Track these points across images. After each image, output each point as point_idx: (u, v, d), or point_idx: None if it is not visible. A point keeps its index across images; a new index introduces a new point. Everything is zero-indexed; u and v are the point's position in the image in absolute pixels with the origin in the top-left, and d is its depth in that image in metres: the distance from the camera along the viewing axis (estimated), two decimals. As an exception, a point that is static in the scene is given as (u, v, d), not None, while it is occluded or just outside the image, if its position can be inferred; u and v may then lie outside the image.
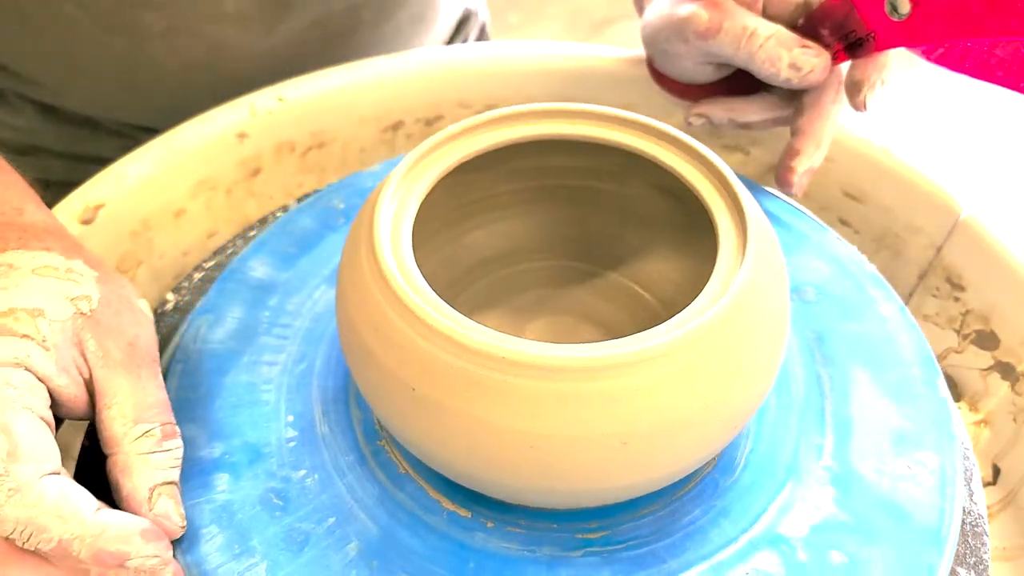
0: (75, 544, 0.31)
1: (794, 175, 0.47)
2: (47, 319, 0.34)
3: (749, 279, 0.32)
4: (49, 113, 0.61)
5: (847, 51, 0.45)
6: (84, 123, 0.62)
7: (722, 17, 0.45)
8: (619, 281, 0.45)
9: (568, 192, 0.45)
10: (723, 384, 0.31)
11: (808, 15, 0.47)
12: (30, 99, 0.61)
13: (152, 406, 0.35)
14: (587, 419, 0.30)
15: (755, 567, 0.34)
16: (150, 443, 0.34)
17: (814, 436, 0.39)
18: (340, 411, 0.39)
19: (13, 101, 0.61)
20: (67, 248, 0.37)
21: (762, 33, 0.44)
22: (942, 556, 0.35)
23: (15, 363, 0.33)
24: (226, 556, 0.34)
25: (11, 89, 0.60)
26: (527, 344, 0.30)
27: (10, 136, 0.62)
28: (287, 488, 0.37)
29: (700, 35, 0.45)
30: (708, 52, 0.46)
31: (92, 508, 0.32)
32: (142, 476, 0.34)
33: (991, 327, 0.49)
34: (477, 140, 0.39)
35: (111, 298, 0.36)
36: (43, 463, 0.32)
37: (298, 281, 0.45)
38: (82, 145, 0.62)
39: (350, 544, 0.35)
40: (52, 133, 0.62)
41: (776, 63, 0.44)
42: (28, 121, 0.62)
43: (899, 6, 0.41)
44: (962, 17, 0.39)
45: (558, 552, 0.35)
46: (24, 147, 0.62)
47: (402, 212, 0.36)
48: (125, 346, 0.35)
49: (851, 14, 0.44)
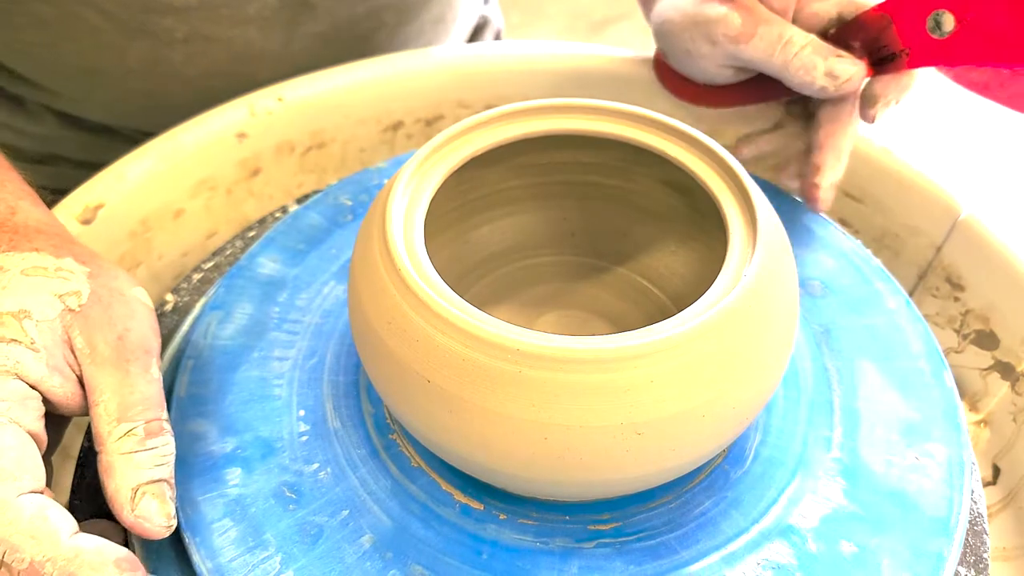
0: (47, 567, 0.30)
1: (820, 191, 0.47)
2: (34, 320, 0.33)
3: (761, 270, 0.32)
4: (69, 122, 0.61)
5: (873, 66, 0.45)
6: (103, 131, 0.62)
7: (756, 22, 0.44)
8: (627, 276, 0.46)
9: (575, 187, 0.45)
10: (736, 375, 0.31)
11: (840, 27, 0.46)
12: (50, 108, 0.61)
13: (137, 403, 0.34)
14: (601, 410, 0.30)
15: (766, 557, 0.34)
16: (132, 442, 0.33)
17: (823, 428, 0.39)
18: (351, 405, 0.40)
19: (33, 109, 0.61)
20: (57, 246, 0.37)
21: (797, 41, 0.44)
22: (951, 545, 0.35)
23: (4, 371, 0.32)
24: (240, 549, 0.35)
25: (31, 98, 0.60)
26: (541, 336, 0.30)
27: (28, 145, 0.62)
28: (300, 482, 0.37)
29: (732, 39, 0.45)
30: (737, 56, 0.46)
31: (69, 531, 0.31)
32: (125, 476, 0.33)
33: (991, 327, 0.49)
34: (485, 136, 0.39)
35: (101, 292, 0.36)
36: (22, 481, 0.31)
37: (308, 277, 0.45)
38: (100, 154, 0.62)
39: (364, 536, 0.35)
40: (71, 141, 0.62)
41: (811, 72, 0.44)
42: (48, 129, 0.61)
43: (943, 24, 0.40)
44: (1004, 40, 0.37)
45: (570, 543, 0.35)
46: (42, 156, 0.62)
47: (413, 207, 0.36)
48: (114, 340, 0.35)
49: (887, 29, 0.43)
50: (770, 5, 0.45)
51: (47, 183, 0.62)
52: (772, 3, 0.45)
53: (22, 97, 0.61)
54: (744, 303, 0.31)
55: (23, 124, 0.62)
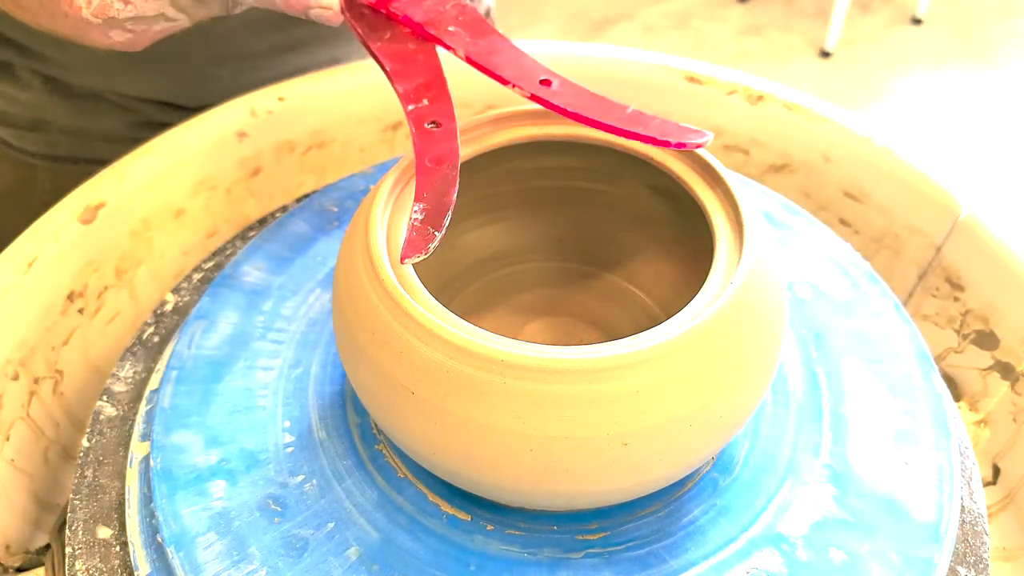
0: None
1: None
2: None
3: (748, 276, 0.32)
4: (56, 87, 0.61)
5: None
6: (89, 97, 0.61)
7: None
8: (615, 282, 0.45)
9: (562, 193, 0.45)
10: (723, 384, 0.31)
11: None
12: (38, 73, 0.61)
13: None
14: (587, 421, 0.30)
15: (756, 566, 0.34)
16: None
17: (812, 434, 0.39)
18: (337, 416, 0.39)
19: (21, 75, 0.61)
20: None
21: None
22: (941, 550, 0.35)
23: None
24: (225, 563, 0.34)
25: (20, 63, 0.60)
26: (526, 347, 0.30)
27: (19, 111, 0.61)
28: (285, 494, 0.36)
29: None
30: None
31: None
32: None
33: (991, 327, 0.49)
34: (471, 143, 0.39)
35: None
36: None
37: (292, 285, 0.45)
38: (89, 120, 0.62)
39: (350, 549, 0.35)
40: (60, 107, 0.61)
41: None
42: (36, 95, 0.61)
43: None
44: None
45: (559, 554, 0.35)
46: (33, 122, 0.62)
47: (397, 215, 0.36)
48: None
49: None
50: None
51: (38, 149, 0.62)
52: None
53: (11, 63, 0.60)
54: (731, 310, 0.31)
55: (13, 91, 0.61)
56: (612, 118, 0.36)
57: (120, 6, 0.40)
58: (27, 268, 0.46)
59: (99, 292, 0.51)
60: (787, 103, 0.57)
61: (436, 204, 0.33)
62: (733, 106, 0.58)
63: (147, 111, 0.61)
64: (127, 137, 0.57)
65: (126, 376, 0.44)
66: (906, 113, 1.87)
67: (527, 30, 2.12)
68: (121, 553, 0.37)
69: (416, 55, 0.40)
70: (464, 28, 0.40)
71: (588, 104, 0.37)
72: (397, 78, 0.39)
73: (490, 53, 0.39)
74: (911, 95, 1.92)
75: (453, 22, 0.40)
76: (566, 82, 0.38)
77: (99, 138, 0.61)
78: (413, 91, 0.38)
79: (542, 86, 0.37)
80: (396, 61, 0.39)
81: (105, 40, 0.42)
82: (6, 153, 0.62)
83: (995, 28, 2.15)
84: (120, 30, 0.41)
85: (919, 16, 2.16)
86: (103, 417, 0.42)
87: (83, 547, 0.37)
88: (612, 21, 2.17)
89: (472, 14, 0.41)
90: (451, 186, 0.34)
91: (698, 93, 0.59)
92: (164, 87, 0.58)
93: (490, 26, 0.40)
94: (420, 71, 0.39)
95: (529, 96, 0.37)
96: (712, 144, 0.59)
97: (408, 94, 0.38)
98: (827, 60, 2.06)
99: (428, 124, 0.36)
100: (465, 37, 0.39)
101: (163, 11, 0.41)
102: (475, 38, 0.40)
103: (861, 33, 2.13)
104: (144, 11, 0.40)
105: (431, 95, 0.38)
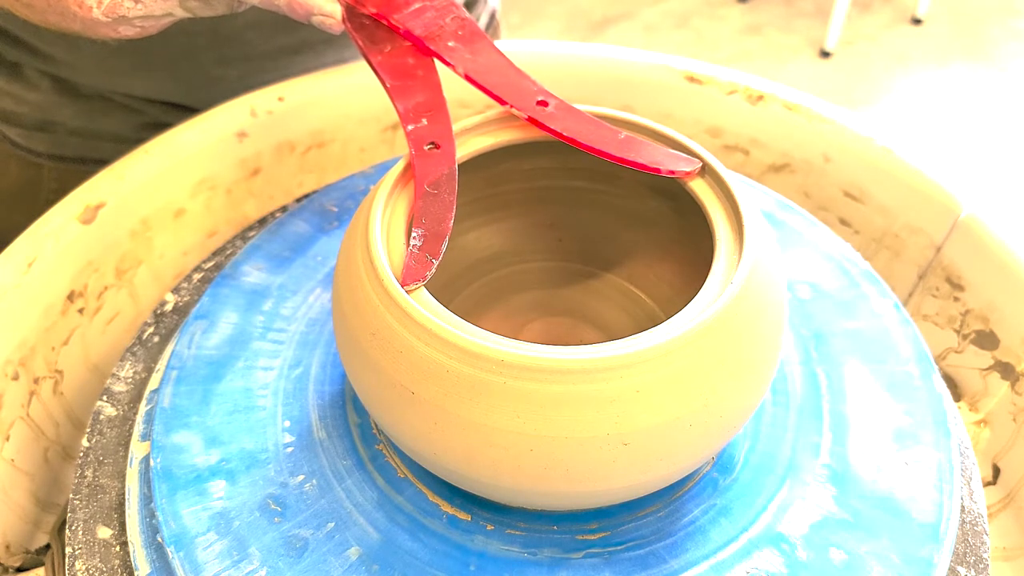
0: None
1: None
2: None
3: (748, 277, 0.32)
4: (64, 88, 0.61)
5: None
6: (96, 98, 0.62)
7: None
8: (615, 282, 0.45)
9: (561, 193, 0.45)
10: (723, 384, 0.31)
11: None
12: (46, 73, 0.61)
13: None
14: (587, 421, 0.30)
15: (756, 566, 0.34)
16: None
17: (812, 434, 0.39)
18: (337, 416, 0.39)
19: (30, 75, 0.61)
20: None
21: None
22: (941, 550, 0.35)
23: None
24: (225, 563, 0.34)
25: (28, 64, 0.60)
26: (526, 347, 0.30)
27: (27, 111, 0.62)
28: (285, 494, 0.36)
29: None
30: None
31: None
32: None
33: (991, 327, 0.49)
34: (469, 143, 0.39)
35: None
36: None
37: (293, 285, 0.45)
38: (96, 121, 0.62)
39: (350, 549, 0.35)
40: (67, 108, 0.62)
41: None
42: (44, 96, 0.61)
43: None
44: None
45: (559, 554, 0.35)
46: (40, 122, 0.62)
47: (397, 216, 0.36)
48: None
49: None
50: None
51: (45, 149, 0.62)
52: None
53: (19, 63, 0.60)
54: (731, 311, 0.31)
55: (21, 91, 0.61)
56: (605, 144, 0.37)
57: (130, 4, 0.40)
58: (27, 268, 0.46)
59: (99, 292, 0.51)
60: (787, 103, 0.57)
61: (434, 231, 0.34)
62: (733, 106, 0.58)
63: (154, 112, 0.61)
64: (134, 138, 0.57)
65: (126, 376, 0.44)
66: (906, 113, 1.87)
67: (528, 29, 2.12)
68: (121, 553, 0.37)
69: (415, 70, 0.40)
70: (463, 43, 0.40)
71: (582, 128, 0.38)
72: (397, 95, 0.39)
73: (488, 72, 0.40)
74: (911, 95, 1.92)
75: (453, 36, 0.41)
76: (562, 103, 0.39)
77: (106, 139, 0.61)
78: (412, 110, 0.39)
79: (538, 107, 0.39)
80: (396, 77, 0.40)
81: (113, 34, 0.43)
82: (13, 153, 0.62)
83: (995, 28, 2.15)
84: (128, 26, 0.42)
85: (919, 16, 2.17)
86: (103, 417, 0.42)
87: (83, 547, 0.37)
88: (612, 20, 2.17)
89: (471, 28, 0.41)
90: (448, 211, 0.35)
91: (698, 93, 0.59)
92: (171, 88, 0.58)
93: (489, 41, 0.41)
94: (420, 88, 0.40)
95: (526, 118, 0.38)
96: (712, 144, 0.59)
97: (408, 113, 0.39)
98: (827, 60, 2.06)
99: (427, 146, 0.37)
100: (465, 53, 0.40)
101: (171, 11, 0.41)
102: (475, 55, 0.40)
103: (861, 33, 2.13)
104: (153, 10, 0.41)
105: (430, 114, 0.39)
